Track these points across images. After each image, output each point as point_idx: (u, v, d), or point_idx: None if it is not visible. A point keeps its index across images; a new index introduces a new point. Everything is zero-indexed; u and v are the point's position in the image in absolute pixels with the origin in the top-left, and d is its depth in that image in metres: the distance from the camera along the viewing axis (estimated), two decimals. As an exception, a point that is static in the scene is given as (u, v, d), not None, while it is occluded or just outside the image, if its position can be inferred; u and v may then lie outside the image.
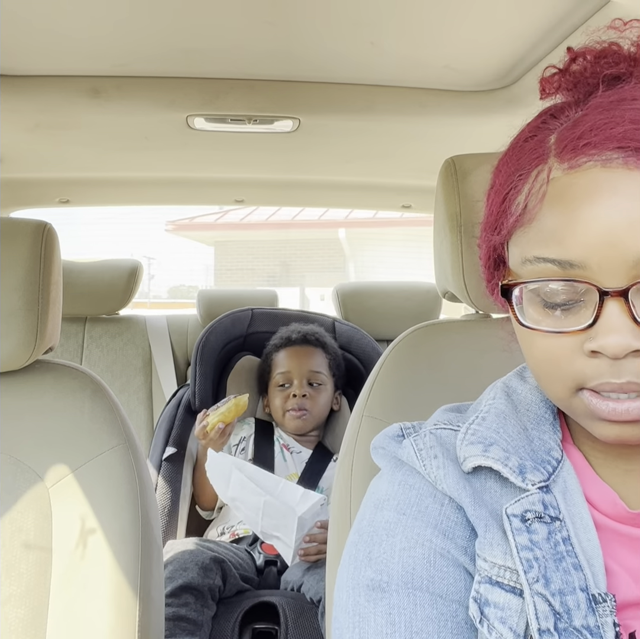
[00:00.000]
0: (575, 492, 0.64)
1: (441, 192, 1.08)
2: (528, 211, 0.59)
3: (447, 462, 0.68)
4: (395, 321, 2.61)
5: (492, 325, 1.12)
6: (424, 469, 0.68)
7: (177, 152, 1.95)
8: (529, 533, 0.61)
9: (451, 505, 0.66)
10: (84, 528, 0.97)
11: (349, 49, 1.35)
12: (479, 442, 0.67)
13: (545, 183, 0.58)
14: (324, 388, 2.01)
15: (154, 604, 1.01)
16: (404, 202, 2.50)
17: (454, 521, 0.66)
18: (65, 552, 0.97)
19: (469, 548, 0.65)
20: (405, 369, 1.07)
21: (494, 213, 0.64)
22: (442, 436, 0.71)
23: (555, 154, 0.58)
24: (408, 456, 0.70)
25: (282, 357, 2.04)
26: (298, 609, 1.51)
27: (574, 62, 0.62)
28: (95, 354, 2.63)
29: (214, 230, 12.90)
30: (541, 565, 0.60)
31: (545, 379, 0.61)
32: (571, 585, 0.59)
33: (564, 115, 0.61)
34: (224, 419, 1.81)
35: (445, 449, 0.69)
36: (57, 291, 1.07)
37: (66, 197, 2.42)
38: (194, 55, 1.39)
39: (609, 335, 0.54)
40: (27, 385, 1.05)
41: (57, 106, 1.54)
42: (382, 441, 0.76)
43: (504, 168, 0.64)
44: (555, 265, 0.56)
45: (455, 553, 0.64)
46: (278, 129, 1.68)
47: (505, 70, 1.42)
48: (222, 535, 1.83)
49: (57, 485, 0.99)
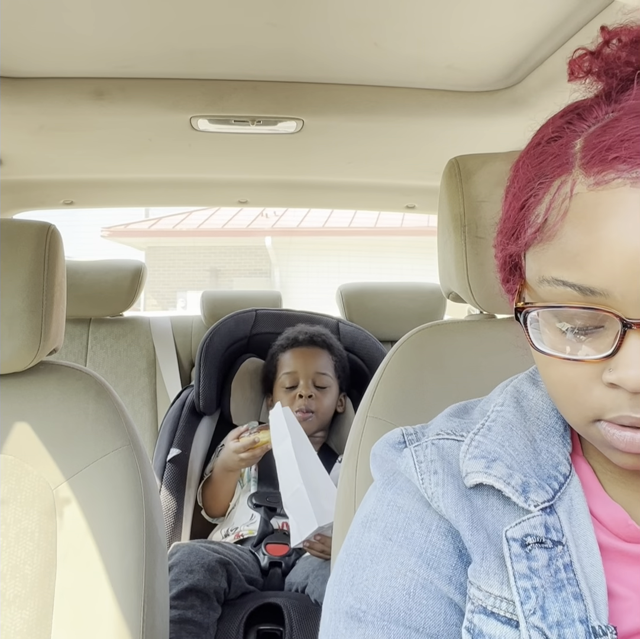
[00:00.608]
0: (581, 512, 0.62)
1: (445, 193, 1.08)
2: (548, 227, 0.54)
3: (447, 479, 0.65)
4: (399, 321, 2.60)
5: (496, 325, 1.12)
6: (421, 484, 0.66)
7: (180, 154, 1.95)
8: (529, 560, 0.59)
9: (438, 531, 0.64)
10: (88, 529, 0.97)
11: (352, 50, 1.35)
12: (482, 457, 0.64)
13: (568, 198, 0.53)
14: (330, 390, 2.00)
15: (158, 606, 1.01)
16: (408, 202, 2.50)
17: (440, 548, 0.64)
18: (70, 553, 0.97)
19: (454, 577, 0.63)
20: (409, 369, 1.07)
21: (512, 219, 0.60)
22: (444, 448, 0.68)
23: (581, 165, 0.52)
24: (406, 467, 0.68)
25: (288, 357, 2.03)
26: (303, 611, 1.51)
27: (607, 45, 0.55)
28: (99, 356, 2.63)
29: (147, 236, 13.22)
30: (539, 595, 0.57)
31: (562, 403, 0.58)
32: (570, 617, 0.57)
33: (592, 116, 0.54)
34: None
35: (447, 462, 0.67)
36: (61, 292, 1.07)
37: (70, 199, 2.42)
38: (198, 57, 1.39)
39: (630, 368, 0.51)
40: (31, 386, 1.05)
41: (60, 108, 1.55)
42: (382, 449, 0.74)
43: (524, 170, 0.59)
44: (576, 290, 0.52)
45: (439, 584, 0.62)
46: (282, 130, 1.68)
47: (509, 70, 1.42)
48: (226, 537, 1.83)
49: (62, 486, 0.99)
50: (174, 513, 1.80)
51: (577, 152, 0.53)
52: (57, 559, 0.97)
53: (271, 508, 1.84)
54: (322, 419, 1.99)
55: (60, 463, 1.00)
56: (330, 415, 2.01)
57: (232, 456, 1.82)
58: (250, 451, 1.79)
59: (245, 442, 1.80)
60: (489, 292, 1.06)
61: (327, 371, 2.02)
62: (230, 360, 2.11)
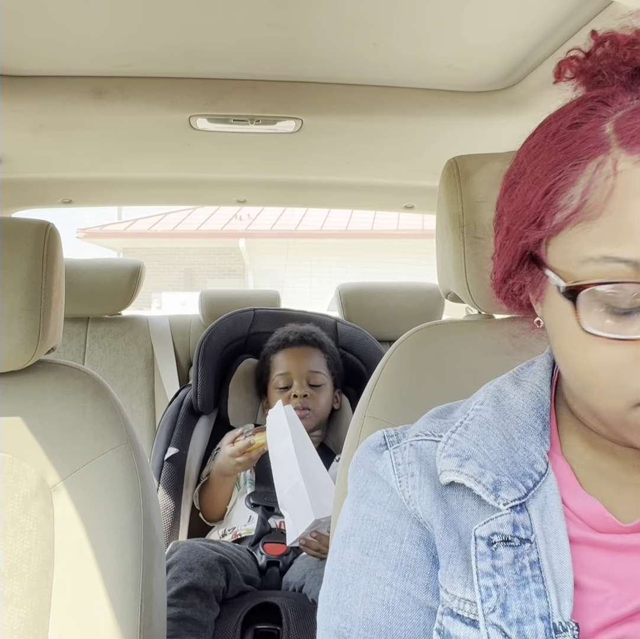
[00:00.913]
0: (555, 509, 0.62)
1: (443, 193, 1.08)
2: (591, 206, 0.54)
3: (423, 481, 0.66)
4: (397, 321, 2.60)
5: (495, 326, 1.12)
6: (399, 486, 0.67)
7: (179, 153, 1.95)
8: (493, 558, 0.60)
9: (410, 541, 0.66)
10: (86, 528, 0.97)
11: (351, 50, 1.35)
12: (456, 456, 0.65)
13: (613, 175, 0.53)
14: (324, 388, 2.00)
15: (156, 605, 1.01)
16: (407, 202, 2.50)
17: (414, 558, 0.65)
18: (67, 552, 0.97)
19: (430, 584, 0.64)
20: (407, 369, 1.07)
21: (533, 206, 0.59)
22: (422, 449, 0.69)
23: (621, 145, 0.54)
24: (384, 470, 0.69)
25: (280, 358, 2.03)
26: (300, 610, 1.51)
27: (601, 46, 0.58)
28: (97, 355, 2.63)
29: (123, 238, 13.45)
30: (501, 593, 0.58)
31: (601, 388, 0.56)
32: (531, 614, 0.57)
33: (617, 102, 0.56)
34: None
35: (424, 463, 0.68)
36: (60, 291, 1.07)
37: (69, 198, 2.42)
38: (197, 56, 1.39)
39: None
40: (29, 385, 1.05)
41: (59, 107, 1.54)
42: (362, 452, 0.75)
43: (544, 156, 0.58)
44: (629, 266, 0.51)
45: (416, 594, 0.64)
46: (281, 130, 1.68)
47: (509, 70, 1.42)
48: (224, 536, 1.83)
49: (59, 485, 0.98)
50: (172, 511, 1.80)
51: (611, 134, 0.55)
52: (55, 558, 0.97)
53: (269, 507, 1.84)
54: (320, 417, 1.99)
55: (58, 462, 1.00)
56: (327, 412, 2.01)
57: (229, 461, 1.82)
58: (246, 455, 1.79)
59: (240, 446, 1.79)
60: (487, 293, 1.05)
61: (320, 369, 2.01)
62: (228, 359, 2.11)
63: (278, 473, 1.68)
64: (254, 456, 1.80)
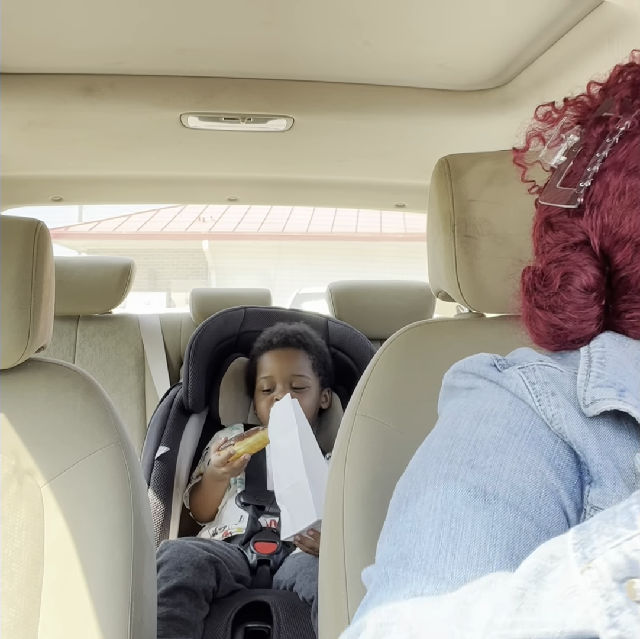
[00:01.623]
0: None
1: (435, 192, 1.08)
2: None
3: (566, 402, 0.61)
4: (388, 320, 2.60)
5: (485, 324, 1.13)
6: (539, 405, 0.61)
7: (170, 151, 1.95)
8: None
9: (563, 444, 0.60)
10: (76, 527, 0.97)
11: (343, 49, 1.35)
12: (608, 386, 0.61)
13: None
14: (308, 390, 1.99)
15: (146, 604, 1.00)
16: (398, 201, 2.50)
17: (566, 461, 0.60)
18: (57, 551, 0.96)
19: (574, 494, 0.59)
20: (398, 368, 1.07)
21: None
22: (550, 374, 0.64)
23: None
24: (517, 388, 0.63)
25: (265, 361, 2.03)
26: (291, 608, 1.51)
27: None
28: (87, 353, 2.62)
29: (87, 239, 13.59)
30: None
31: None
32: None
33: None
34: (250, 450, 1.80)
35: (559, 386, 0.63)
36: (50, 289, 1.07)
37: (59, 196, 2.41)
38: (188, 54, 1.38)
39: None
40: (19, 383, 1.04)
41: (50, 104, 1.54)
42: (473, 366, 0.68)
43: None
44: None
45: (563, 495, 0.59)
46: (272, 128, 1.68)
47: (499, 70, 1.42)
48: (214, 535, 1.83)
49: (49, 484, 0.98)
50: (162, 510, 1.79)
51: None
52: (45, 557, 0.96)
53: (259, 506, 1.84)
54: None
55: (48, 460, 0.99)
56: (312, 414, 2.00)
57: (215, 470, 1.83)
58: (228, 465, 1.79)
59: (222, 458, 1.79)
60: (478, 291, 1.06)
61: (304, 371, 2.00)
62: (219, 358, 2.11)
63: (279, 466, 1.67)
64: (236, 466, 1.80)
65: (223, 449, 1.81)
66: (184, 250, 13.78)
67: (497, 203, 1.03)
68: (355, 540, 0.95)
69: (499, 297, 1.06)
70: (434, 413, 0.74)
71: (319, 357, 2.06)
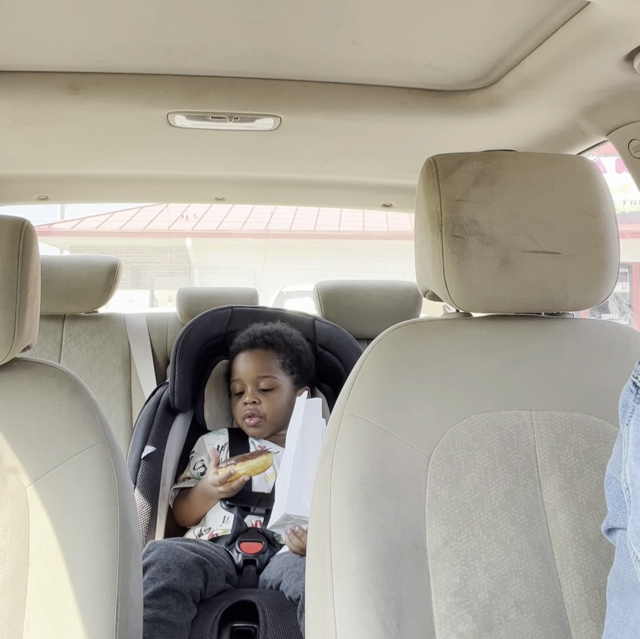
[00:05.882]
0: None
1: (422, 191, 1.08)
2: None
3: None
4: (376, 319, 2.61)
5: (472, 324, 1.13)
6: None
7: (157, 150, 1.94)
8: None
9: None
10: (62, 527, 0.96)
11: (330, 48, 1.34)
12: None
13: None
14: (278, 390, 1.98)
15: (132, 604, 1.00)
16: (385, 201, 2.50)
17: None
18: (43, 551, 0.96)
19: None
20: (385, 367, 1.07)
21: None
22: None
23: None
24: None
25: (235, 363, 2.03)
26: (277, 608, 1.51)
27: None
28: (73, 352, 2.61)
29: (70, 236, 13.59)
30: None
31: None
32: None
33: None
34: (251, 473, 1.79)
35: None
36: (36, 288, 1.06)
37: (45, 194, 2.40)
38: (175, 53, 1.38)
39: None
40: (5, 383, 1.04)
41: (35, 103, 1.53)
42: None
43: None
44: None
45: None
46: (259, 127, 1.67)
47: (486, 70, 1.42)
48: (200, 536, 1.82)
49: (35, 484, 0.98)
50: (149, 510, 1.79)
51: None
52: (30, 557, 0.96)
53: (245, 507, 1.83)
54: (275, 421, 1.96)
55: (34, 460, 0.99)
56: (284, 414, 1.97)
57: (211, 488, 1.80)
58: (227, 485, 1.77)
59: (222, 476, 1.77)
60: (465, 291, 1.06)
61: (271, 372, 1.99)
62: (206, 357, 2.10)
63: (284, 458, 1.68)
64: (234, 486, 1.78)
65: (223, 468, 1.79)
66: (167, 248, 13.81)
67: (484, 203, 1.04)
68: (341, 539, 0.96)
69: (486, 296, 1.06)
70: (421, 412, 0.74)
71: (291, 355, 2.03)
